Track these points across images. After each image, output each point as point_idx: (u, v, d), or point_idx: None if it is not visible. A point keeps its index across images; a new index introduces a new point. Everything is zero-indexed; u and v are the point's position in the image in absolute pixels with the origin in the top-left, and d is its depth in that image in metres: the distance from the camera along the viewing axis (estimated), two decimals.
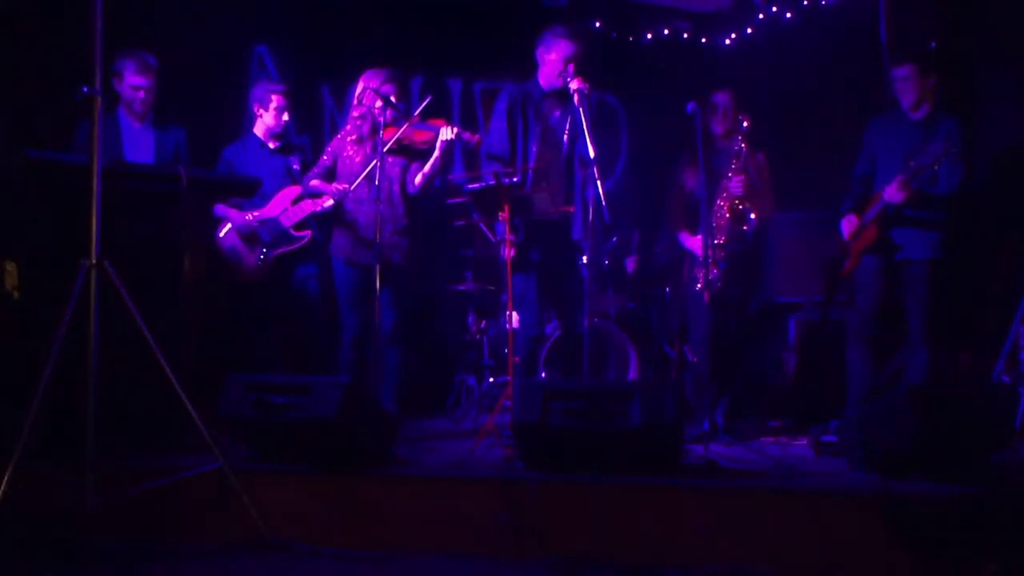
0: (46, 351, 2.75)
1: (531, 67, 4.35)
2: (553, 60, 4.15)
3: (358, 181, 4.14)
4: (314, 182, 4.35)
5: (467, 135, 4.15)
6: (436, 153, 4.17)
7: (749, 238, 4.30)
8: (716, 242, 4.28)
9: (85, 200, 2.83)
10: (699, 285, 4.28)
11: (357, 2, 5.94)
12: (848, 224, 4.19)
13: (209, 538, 3.15)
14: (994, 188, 4.72)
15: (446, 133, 4.12)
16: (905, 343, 4.19)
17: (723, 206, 4.29)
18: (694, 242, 4.39)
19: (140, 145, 4.37)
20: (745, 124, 4.27)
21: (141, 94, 4.32)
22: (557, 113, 4.25)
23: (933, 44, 5.07)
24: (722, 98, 4.41)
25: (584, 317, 4.44)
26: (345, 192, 4.20)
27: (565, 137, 4.23)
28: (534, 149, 4.20)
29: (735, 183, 4.26)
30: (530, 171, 4.11)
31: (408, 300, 4.42)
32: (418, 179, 4.28)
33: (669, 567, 2.91)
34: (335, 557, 3.03)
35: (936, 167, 3.85)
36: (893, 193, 3.91)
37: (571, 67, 4.10)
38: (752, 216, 4.28)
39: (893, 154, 4.10)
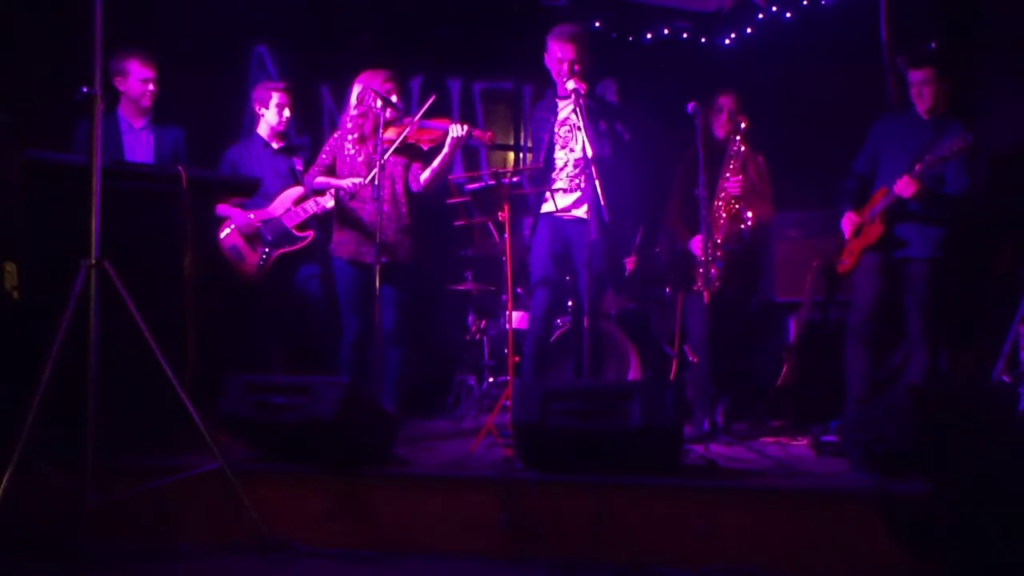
0: (46, 351, 2.75)
1: (531, 66, 4.36)
2: (552, 64, 4.17)
3: (372, 174, 4.09)
4: (321, 179, 4.33)
5: (478, 132, 4.14)
6: (446, 150, 4.17)
7: (746, 237, 4.30)
8: (718, 240, 4.30)
9: (85, 200, 2.83)
10: (697, 285, 4.30)
11: (357, 2, 5.94)
12: (849, 222, 4.20)
13: (209, 538, 3.15)
14: (994, 188, 4.72)
15: (457, 130, 4.11)
16: (903, 341, 4.19)
17: (720, 206, 4.30)
18: (693, 242, 4.39)
19: (139, 145, 4.37)
20: (743, 125, 4.28)
21: (151, 86, 4.34)
22: (568, 114, 4.26)
23: (933, 44, 5.07)
24: (726, 100, 4.40)
25: (586, 317, 4.44)
26: (360, 186, 4.18)
27: (578, 137, 4.23)
28: (542, 157, 4.22)
29: (732, 183, 4.26)
30: (525, 171, 4.11)
31: (409, 300, 4.42)
32: (425, 176, 4.27)
33: (669, 567, 2.91)
34: (335, 557, 3.04)
35: (950, 160, 3.84)
36: (904, 186, 3.90)
37: (564, 68, 4.10)
38: (748, 215, 4.28)
39: (899, 153, 4.09)
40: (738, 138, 4.29)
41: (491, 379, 5.36)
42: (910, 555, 2.74)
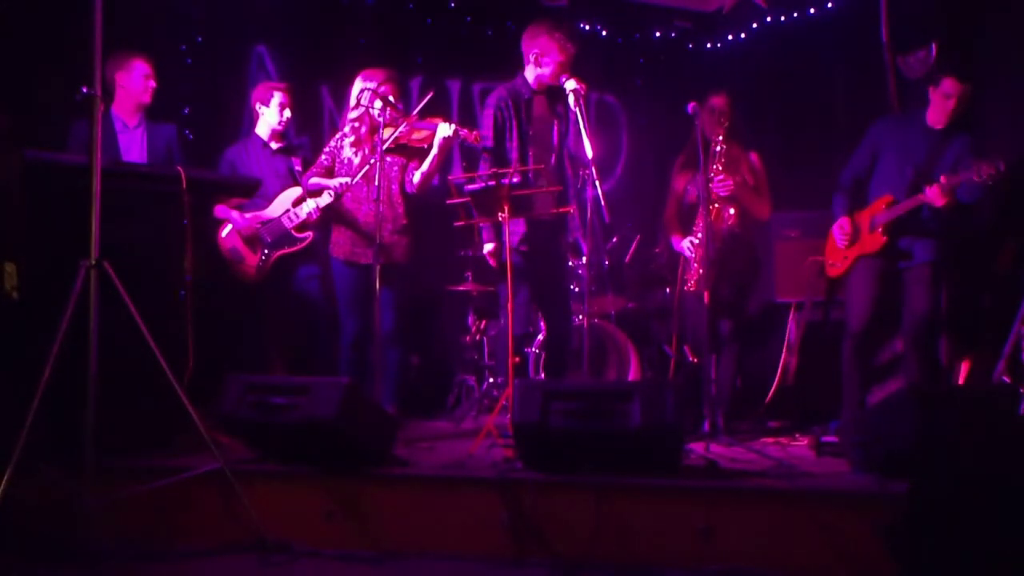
0: (46, 351, 2.75)
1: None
2: (548, 63, 4.14)
3: (360, 175, 4.15)
4: (315, 180, 4.35)
5: (465, 132, 4.14)
6: (435, 151, 4.17)
7: (725, 235, 4.29)
8: (696, 241, 4.34)
9: (85, 200, 2.83)
10: (687, 286, 4.33)
11: (357, 2, 5.94)
12: (842, 229, 4.16)
13: (209, 538, 3.15)
14: (994, 191, 4.71)
15: (444, 130, 4.12)
16: (897, 337, 4.19)
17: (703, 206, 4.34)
18: (679, 242, 4.43)
19: (134, 144, 4.35)
20: (724, 124, 4.26)
21: (152, 82, 4.32)
22: (544, 111, 4.25)
23: (934, 46, 5.07)
24: (715, 101, 4.38)
25: (570, 319, 4.45)
26: (348, 187, 4.20)
27: (555, 135, 4.23)
28: (531, 151, 4.20)
29: (717, 184, 4.26)
30: (529, 171, 4.11)
31: (408, 300, 4.41)
32: (417, 177, 4.28)
33: (668, 567, 2.92)
34: (335, 557, 3.04)
35: (979, 184, 3.79)
36: (937, 196, 3.86)
37: (563, 69, 4.10)
38: (731, 212, 4.28)
39: (901, 160, 4.07)
40: (720, 138, 4.27)
41: (491, 379, 5.36)
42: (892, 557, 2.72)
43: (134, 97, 4.32)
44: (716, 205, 4.27)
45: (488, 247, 4.23)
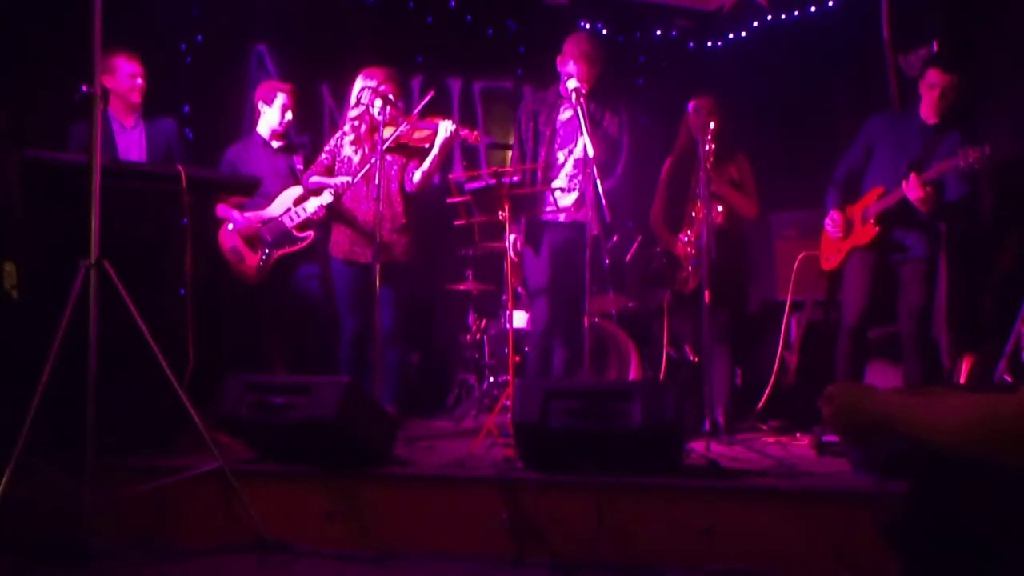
0: (46, 351, 2.75)
1: (531, 66, 4.36)
2: (570, 69, 4.19)
3: (361, 174, 4.16)
4: (315, 178, 4.35)
5: (465, 131, 4.15)
6: (435, 150, 4.18)
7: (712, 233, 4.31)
8: (685, 239, 4.36)
9: (85, 200, 2.83)
10: (676, 285, 4.42)
11: (357, 2, 5.94)
12: (834, 222, 4.17)
13: (209, 538, 3.15)
14: (996, 188, 4.71)
15: (445, 130, 4.13)
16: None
17: (690, 206, 4.34)
18: (673, 243, 4.43)
19: (132, 145, 4.33)
20: (712, 125, 4.25)
21: (139, 80, 4.28)
22: (566, 115, 4.27)
23: (935, 45, 5.07)
24: (704, 102, 4.36)
25: (585, 317, 4.44)
26: (349, 185, 4.20)
27: (578, 138, 4.25)
28: (542, 153, 4.21)
29: (701, 182, 4.26)
30: (532, 170, 4.12)
31: (408, 299, 4.41)
32: (417, 176, 4.28)
33: (669, 567, 2.91)
34: (335, 557, 3.04)
35: (965, 170, 3.79)
36: (913, 188, 3.87)
37: (578, 69, 4.12)
38: (718, 209, 4.29)
39: (896, 155, 4.07)
40: (708, 137, 4.26)
41: (491, 379, 5.36)
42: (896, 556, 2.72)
43: (122, 98, 4.25)
44: (699, 203, 4.28)
45: (511, 239, 4.25)
